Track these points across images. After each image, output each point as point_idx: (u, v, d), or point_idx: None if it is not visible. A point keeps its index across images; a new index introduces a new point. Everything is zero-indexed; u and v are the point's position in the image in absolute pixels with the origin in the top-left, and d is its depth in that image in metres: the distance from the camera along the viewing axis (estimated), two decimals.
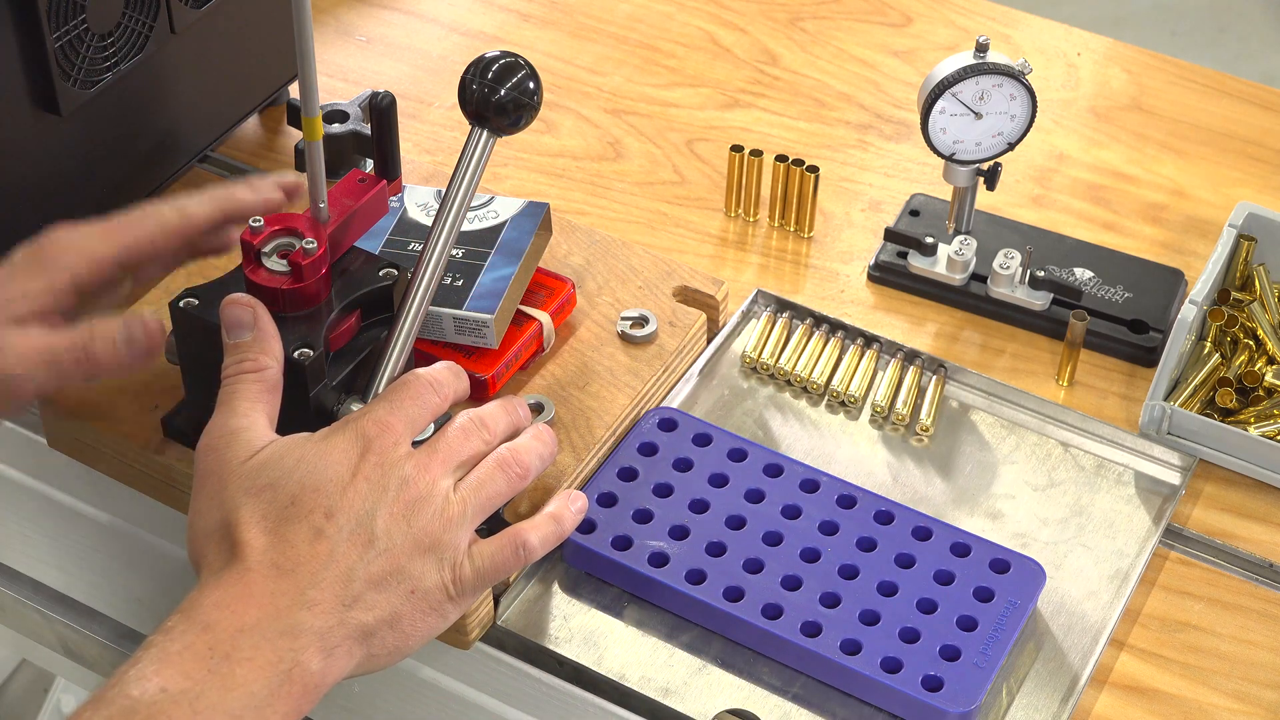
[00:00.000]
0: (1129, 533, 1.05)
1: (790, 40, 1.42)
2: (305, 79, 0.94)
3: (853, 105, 1.36)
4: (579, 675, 0.98)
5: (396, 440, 0.90)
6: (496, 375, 1.08)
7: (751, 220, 1.26)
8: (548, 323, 1.10)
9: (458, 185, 0.99)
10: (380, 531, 0.87)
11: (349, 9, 1.44)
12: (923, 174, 1.29)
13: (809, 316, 1.16)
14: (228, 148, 1.30)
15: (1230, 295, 1.17)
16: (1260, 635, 1.01)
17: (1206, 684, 0.98)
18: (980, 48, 1.12)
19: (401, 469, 0.89)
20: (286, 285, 0.97)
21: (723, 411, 1.12)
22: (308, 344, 0.95)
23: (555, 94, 1.35)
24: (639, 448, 1.06)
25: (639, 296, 1.14)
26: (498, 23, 1.43)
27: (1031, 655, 0.98)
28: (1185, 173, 1.31)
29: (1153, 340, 1.16)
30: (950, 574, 0.99)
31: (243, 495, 0.88)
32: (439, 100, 1.35)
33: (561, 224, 1.18)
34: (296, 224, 0.98)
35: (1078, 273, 1.19)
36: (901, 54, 1.41)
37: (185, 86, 1.19)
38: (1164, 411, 1.08)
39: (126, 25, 1.11)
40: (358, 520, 0.87)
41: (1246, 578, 1.04)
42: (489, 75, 0.97)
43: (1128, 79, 1.39)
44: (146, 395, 1.06)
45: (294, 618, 0.84)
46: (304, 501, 0.87)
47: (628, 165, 1.30)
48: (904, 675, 0.94)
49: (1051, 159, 1.31)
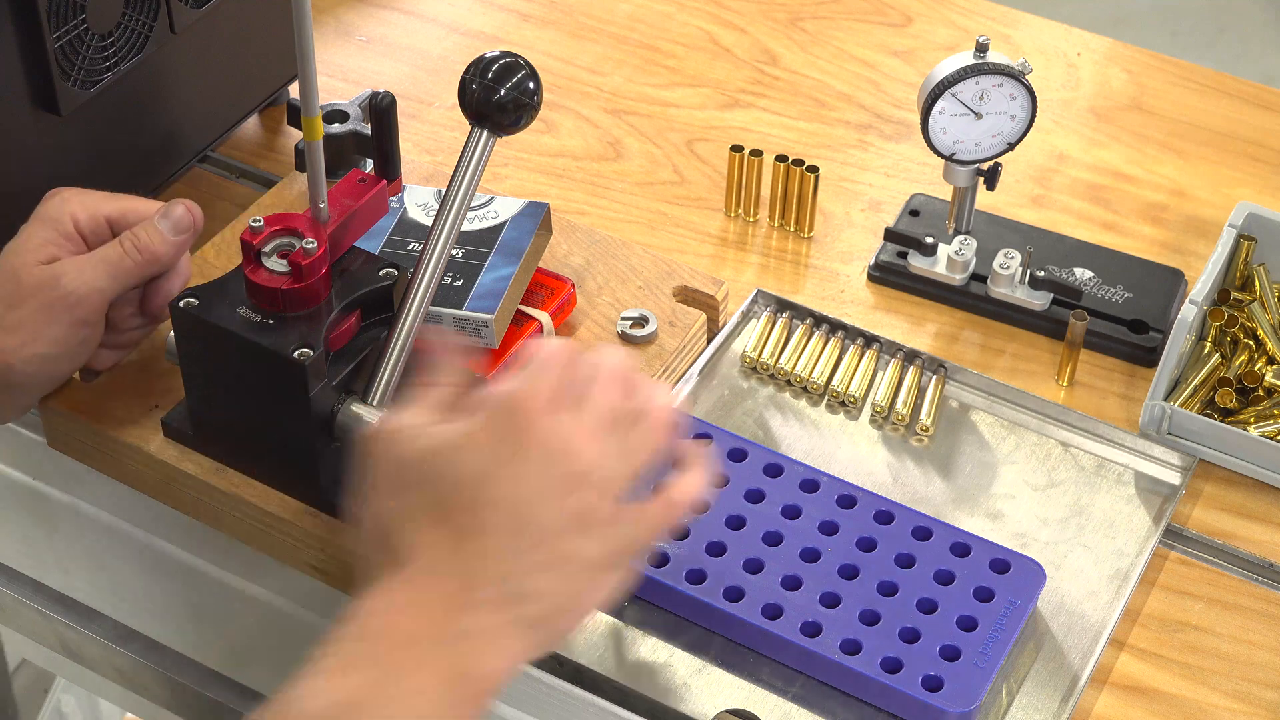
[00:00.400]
0: (1129, 533, 1.05)
1: (790, 40, 1.42)
2: (305, 79, 0.94)
3: (853, 105, 1.36)
4: (579, 675, 0.98)
5: (543, 416, 0.86)
6: (497, 375, 1.07)
7: (751, 220, 1.26)
8: (548, 323, 1.10)
9: (458, 185, 0.99)
10: (536, 517, 0.84)
11: (349, 9, 1.44)
12: (923, 174, 1.29)
13: (809, 316, 1.16)
14: (228, 148, 1.30)
15: (1230, 295, 1.17)
16: (1260, 635, 1.01)
17: (1206, 684, 0.98)
18: (980, 48, 1.12)
19: (549, 445, 0.85)
20: (286, 285, 0.97)
21: (723, 411, 1.12)
22: (308, 344, 0.95)
23: (555, 94, 1.35)
24: None
25: (639, 296, 1.14)
26: (498, 23, 1.43)
27: (1031, 655, 0.98)
28: (1185, 173, 1.31)
29: (1153, 340, 1.16)
30: (950, 574, 0.99)
31: (400, 497, 0.86)
32: (439, 100, 1.35)
33: (561, 224, 1.18)
34: (296, 224, 0.99)
35: (1078, 273, 1.19)
36: (901, 54, 1.41)
37: (185, 86, 1.19)
38: (1164, 411, 1.08)
39: (126, 25, 1.11)
40: (512, 509, 0.84)
41: (1246, 578, 1.04)
42: (489, 75, 0.97)
43: (1128, 79, 1.39)
44: (147, 395, 1.06)
45: (460, 624, 0.82)
46: (457, 498, 0.84)
47: (628, 165, 1.30)
48: (904, 675, 0.94)
49: (1051, 159, 1.31)
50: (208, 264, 1.14)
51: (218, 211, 1.19)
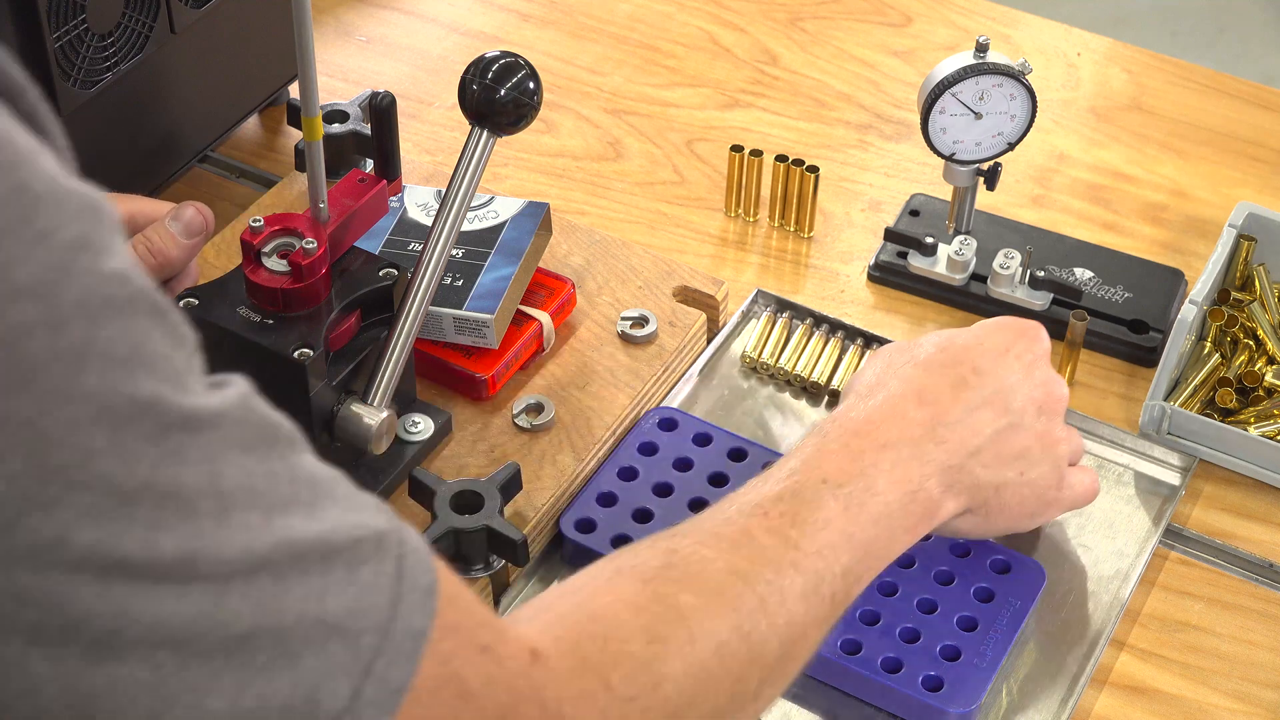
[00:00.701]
0: (1129, 533, 1.05)
1: (790, 40, 1.42)
2: (305, 79, 0.94)
3: (853, 105, 1.36)
4: None
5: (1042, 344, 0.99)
6: (496, 375, 1.08)
7: (751, 220, 1.26)
8: (548, 323, 1.10)
9: (458, 185, 0.99)
10: (1016, 407, 0.95)
11: (349, 9, 1.44)
12: (923, 174, 1.29)
13: (809, 316, 1.16)
14: (228, 148, 1.30)
15: (1230, 295, 1.17)
16: (1260, 635, 1.01)
17: (1206, 684, 0.98)
18: (980, 48, 1.12)
19: (1046, 369, 0.98)
20: (286, 285, 0.97)
21: (723, 411, 1.12)
22: (308, 344, 0.95)
23: (555, 94, 1.35)
24: (639, 447, 1.06)
25: (639, 296, 1.14)
26: (498, 23, 1.43)
27: (1031, 655, 0.98)
28: (1185, 173, 1.31)
29: (1153, 340, 1.16)
30: (950, 574, 0.99)
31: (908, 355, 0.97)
32: (439, 100, 1.35)
33: (561, 224, 1.18)
34: (296, 224, 0.99)
35: (1078, 273, 1.19)
36: (901, 54, 1.41)
37: (185, 86, 1.19)
38: (1164, 411, 1.08)
39: (126, 25, 1.11)
40: (999, 388, 0.95)
41: (1246, 578, 1.04)
42: (489, 75, 0.97)
43: (1128, 79, 1.39)
44: None
45: (925, 447, 0.92)
46: (961, 358, 0.95)
47: (628, 165, 1.30)
48: (904, 675, 0.94)
49: (1051, 159, 1.31)
50: (208, 264, 1.14)
51: (218, 211, 1.19)
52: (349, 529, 0.63)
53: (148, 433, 0.58)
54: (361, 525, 0.63)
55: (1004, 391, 0.95)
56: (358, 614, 0.62)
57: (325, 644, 0.61)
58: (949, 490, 0.92)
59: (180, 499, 0.58)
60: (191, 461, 0.59)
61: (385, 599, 0.63)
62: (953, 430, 0.93)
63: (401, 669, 0.63)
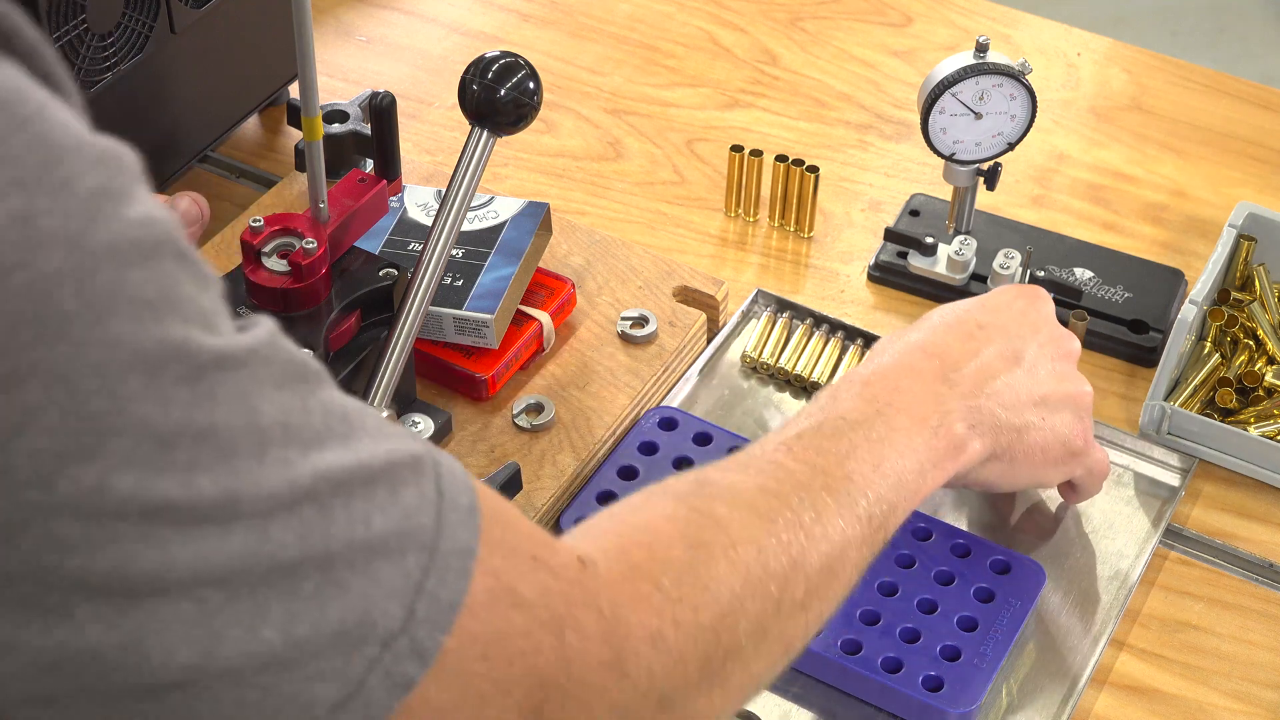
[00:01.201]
0: (1129, 533, 1.05)
1: (790, 40, 1.42)
2: (305, 79, 0.94)
3: (853, 105, 1.36)
4: None
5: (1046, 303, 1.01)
6: (496, 375, 1.08)
7: (751, 220, 1.26)
8: (548, 323, 1.10)
9: (458, 185, 0.99)
10: (1029, 357, 0.97)
11: (349, 9, 1.44)
12: (923, 174, 1.29)
13: (809, 316, 1.16)
14: (228, 148, 1.30)
15: (1230, 295, 1.17)
16: (1260, 635, 1.01)
17: (1206, 684, 0.98)
18: (980, 48, 1.12)
19: (1055, 324, 1.00)
20: (286, 285, 0.97)
21: (723, 411, 1.12)
22: (308, 344, 0.95)
23: (555, 94, 1.35)
24: (639, 447, 1.06)
25: (639, 296, 1.14)
26: (498, 23, 1.44)
27: (1031, 655, 0.98)
28: (1185, 173, 1.31)
29: (1153, 340, 1.16)
30: (950, 574, 0.99)
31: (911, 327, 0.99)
32: (439, 100, 1.35)
33: (561, 224, 1.18)
34: (296, 224, 0.99)
35: (1078, 273, 1.19)
36: (901, 54, 1.41)
37: (185, 86, 1.19)
38: (1164, 412, 1.08)
39: (126, 25, 1.11)
40: (1008, 339, 0.97)
41: (1246, 578, 1.04)
42: (489, 75, 0.97)
43: (1128, 79, 1.39)
44: None
45: (938, 388, 0.93)
46: (964, 318, 0.98)
47: (628, 165, 1.30)
48: (904, 675, 0.94)
49: (1051, 159, 1.31)
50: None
51: (218, 211, 1.19)
52: (385, 454, 0.63)
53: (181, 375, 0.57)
54: (397, 450, 0.63)
55: (1013, 342, 0.97)
56: (404, 535, 0.62)
57: (373, 567, 0.61)
58: (973, 429, 0.93)
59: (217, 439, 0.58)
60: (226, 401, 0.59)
61: (430, 519, 0.63)
62: (964, 375, 0.94)
63: (453, 586, 0.63)
